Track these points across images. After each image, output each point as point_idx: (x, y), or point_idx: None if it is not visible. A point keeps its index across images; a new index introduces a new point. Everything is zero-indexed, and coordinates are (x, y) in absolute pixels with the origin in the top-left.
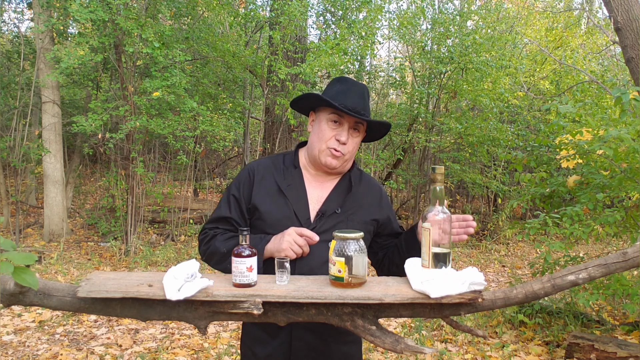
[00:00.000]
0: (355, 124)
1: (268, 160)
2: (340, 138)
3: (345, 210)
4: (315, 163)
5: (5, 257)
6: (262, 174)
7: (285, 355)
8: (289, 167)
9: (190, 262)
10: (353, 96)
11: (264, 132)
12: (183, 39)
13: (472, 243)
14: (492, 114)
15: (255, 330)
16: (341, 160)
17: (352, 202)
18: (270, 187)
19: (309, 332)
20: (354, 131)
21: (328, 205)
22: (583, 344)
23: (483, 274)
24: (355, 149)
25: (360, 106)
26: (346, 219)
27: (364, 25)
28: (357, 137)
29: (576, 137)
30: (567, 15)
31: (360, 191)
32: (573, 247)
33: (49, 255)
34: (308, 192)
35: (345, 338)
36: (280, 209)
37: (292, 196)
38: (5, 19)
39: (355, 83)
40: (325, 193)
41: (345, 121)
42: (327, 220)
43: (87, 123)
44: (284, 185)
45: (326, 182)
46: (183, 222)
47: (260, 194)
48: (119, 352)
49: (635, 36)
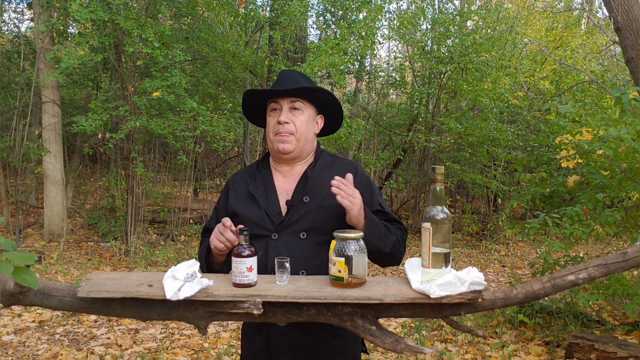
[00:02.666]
0: (293, 103)
1: (244, 170)
2: (280, 118)
3: (314, 198)
4: (275, 156)
5: (5, 257)
6: (237, 183)
7: (267, 350)
8: (260, 170)
9: (190, 262)
10: (284, 81)
11: (264, 132)
12: (183, 39)
13: (472, 243)
14: (492, 114)
15: (248, 328)
16: (292, 141)
17: (320, 188)
18: (242, 192)
19: (288, 326)
20: (295, 110)
21: (295, 196)
22: (583, 344)
23: (483, 274)
24: (304, 128)
25: (290, 85)
26: (316, 207)
27: (364, 25)
28: (300, 116)
29: (576, 137)
30: (567, 15)
31: (331, 176)
32: (573, 247)
33: (49, 255)
34: (277, 188)
35: (333, 332)
36: (252, 210)
37: (260, 195)
38: (5, 19)
39: (287, 71)
40: (293, 185)
41: (281, 104)
42: (295, 211)
43: (87, 123)
44: (252, 187)
45: (293, 174)
46: (183, 222)
47: (235, 201)
48: (119, 352)
49: (635, 36)
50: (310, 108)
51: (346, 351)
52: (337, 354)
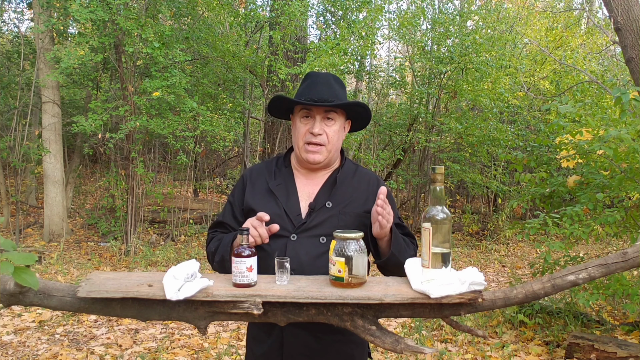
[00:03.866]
0: (326, 113)
1: (262, 164)
2: (313, 130)
3: (337, 204)
4: (301, 162)
5: (6, 257)
6: (254, 177)
7: (279, 353)
8: (280, 168)
9: (190, 262)
10: (319, 87)
11: (264, 132)
12: (183, 39)
13: (472, 243)
14: (492, 114)
15: (254, 329)
16: (323, 152)
17: (344, 195)
18: (261, 188)
19: (302, 330)
20: (328, 120)
21: (318, 200)
22: (583, 344)
23: (483, 274)
24: (335, 139)
25: (326, 95)
26: (338, 212)
27: (364, 25)
28: (333, 126)
29: (576, 137)
30: (567, 15)
31: (354, 184)
32: (573, 247)
33: (49, 255)
34: (299, 189)
35: (345, 337)
36: (271, 208)
37: (281, 194)
38: (5, 19)
39: (320, 74)
40: (316, 189)
41: (314, 113)
42: (317, 215)
43: (87, 123)
44: (273, 185)
45: (317, 178)
46: (183, 222)
47: (253, 196)
48: (119, 352)
49: (635, 36)
50: (342, 116)
51: (354, 357)
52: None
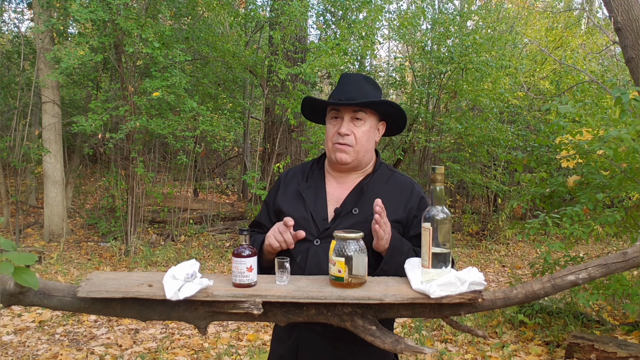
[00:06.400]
0: (355, 113)
1: (299, 167)
2: (340, 130)
3: (365, 210)
4: (332, 163)
5: (6, 257)
6: (289, 179)
7: (293, 357)
8: (314, 171)
9: (190, 262)
10: (347, 87)
11: (264, 132)
12: (183, 39)
13: (472, 243)
14: (492, 114)
15: (279, 330)
16: (351, 153)
17: (373, 202)
18: (292, 190)
19: (319, 337)
20: (356, 121)
21: (345, 205)
22: (583, 344)
23: (483, 274)
24: (364, 139)
25: (355, 94)
26: (364, 220)
27: (364, 26)
28: (362, 127)
29: (576, 137)
30: (567, 15)
31: (386, 191)
32: (573, 247)
33: (49, 255)
34: (328, 193)
35: (364, 350)
36: (298, 210)
37: (309, 197)
38: (5, 19)
39: (351, 75)
40: (345, 193)
41: (343, 113)
42: (342, 221)
43: (87, 123)
44: (303, 187)
45: (347, 182)
46: (183, 222)
47: (284, 198)
48: (119, 352)
49: (635, 36)
50: (373, 117)
51: None
52: None
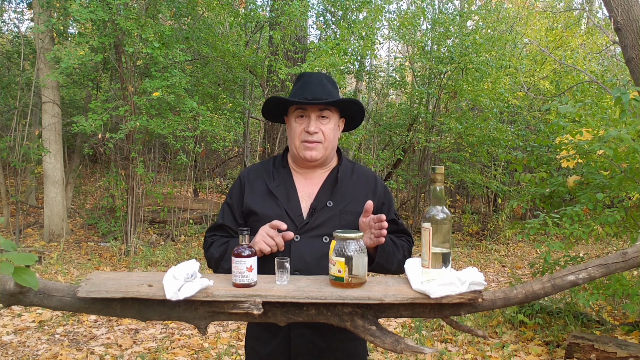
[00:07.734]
0: (321, 112)
1: (258, 165)
2: (309, 128)
3: (338, 203)
4: (298, 161)
5: (6, 257)
6: (252, 179)
7: (285, 353)
8: (278, 168)
9: (190, 262)
10: (311, 87)
11: (264, 132)
12: (183, 39)
13: (472, 243)
14: (492, 114)
15: (258, 330)
16: (320, 149)
17: (344, 194)
18: (260, 190)
19: (309, 329)
20: (322, 119)
21: (319, 199)
22: (583, 344)
23: (483, 274)
24: (331, 136)
25: (320, 94)
26: (339, 212)
27: (364, 26)
28: (328, 124)
29: (576, 137)
30: (567, 15)
31: (353, 182)
32: (573, 247)
33: (49, 255)
34: (298, 190)
35: (349, 335)
36: (272, 209)
37: (281, 195)
38: (5, 19)
39: (312, 74)
40: (315, 188)
41: (309, 112)
42: (319, 215)
43: (87, 123)
44: (272, 185)
45: (315, 177)
46: (183, 222)
47: (253, 198)
48: (119, 352)
49: (635, 36)
50: (336, 115)
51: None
52: (349, 356)
